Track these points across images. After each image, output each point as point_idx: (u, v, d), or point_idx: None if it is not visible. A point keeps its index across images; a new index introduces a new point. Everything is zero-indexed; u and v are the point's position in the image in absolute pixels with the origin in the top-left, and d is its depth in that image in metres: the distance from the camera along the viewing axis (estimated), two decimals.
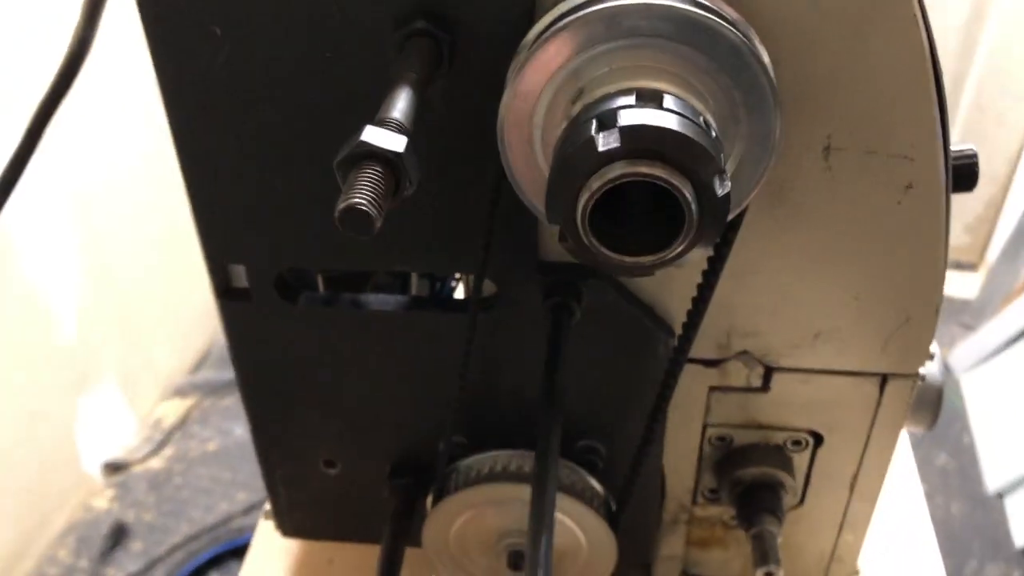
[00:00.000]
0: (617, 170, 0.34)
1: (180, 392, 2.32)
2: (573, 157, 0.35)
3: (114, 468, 2.19)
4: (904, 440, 0.71)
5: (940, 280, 0.48)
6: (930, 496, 2.06)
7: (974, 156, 0.50)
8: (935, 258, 0.47)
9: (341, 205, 0.31)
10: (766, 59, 0.38)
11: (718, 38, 0.36)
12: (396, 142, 0.33)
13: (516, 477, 0.53)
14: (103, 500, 2.11)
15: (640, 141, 0.34)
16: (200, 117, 0.45)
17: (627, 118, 0.34)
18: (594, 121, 0.35)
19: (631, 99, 0.35)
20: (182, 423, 2.27)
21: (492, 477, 0.54)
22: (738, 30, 0.37)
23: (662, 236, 0.36)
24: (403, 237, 0.48)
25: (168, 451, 2.24)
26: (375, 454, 0.58)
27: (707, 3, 0.37)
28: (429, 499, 0.56)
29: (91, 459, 2.08)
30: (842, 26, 0.40)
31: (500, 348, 0.52)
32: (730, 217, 0.41)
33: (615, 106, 0.35)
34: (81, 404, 2.00)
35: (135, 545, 2.01)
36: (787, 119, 0.43)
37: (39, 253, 1.76)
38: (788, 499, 0.57)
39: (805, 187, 0.45)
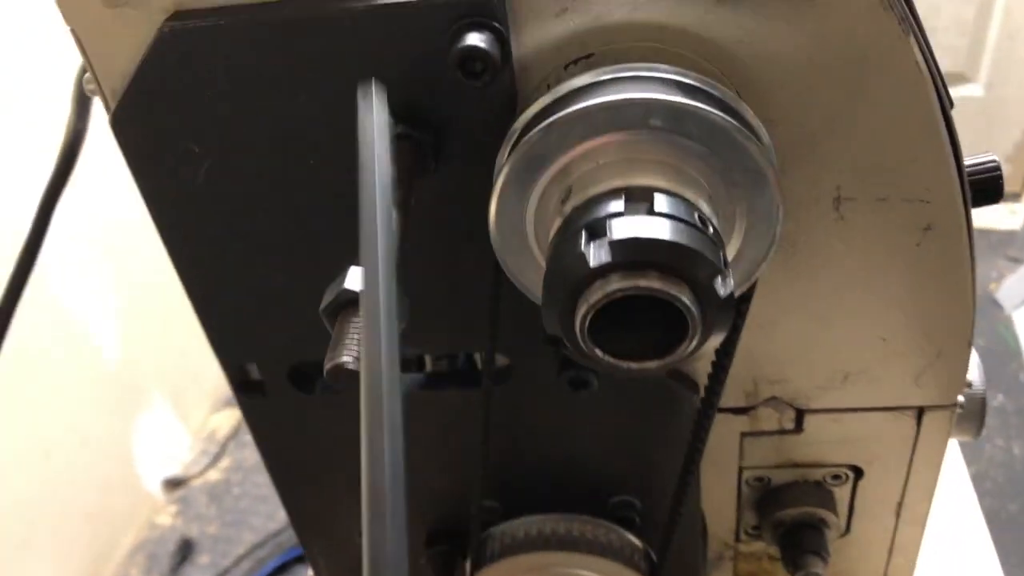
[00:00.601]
0: (613, 285, 0.32)
1: (230, 402, 2.35)
2: (565, 272, 0.33)
3: (174, 484, 2.24)
4: (953, 447, 0.69)
5: (970, 313, 0.46)
6: (990, 438, 2.03)
7: (996, 168, 0.47)
8: (963, 292, 0.45)
9: (328, 364, 0.30)
10: (762, 133, 0.36)
11: (706, 124, 0.35)
12: None
13: (548, 543, 0.53)
14: (167, 516, 2.16)
15: (633, 254, 0.32)
16: (189, 229, 0.44)
17: (617, 229, 0.33)
18: (583, 232, 0.33)
19: (620, 203, 0.34)
20: (235, 433, 2.31)
21: (526, 544, 0.53)
22: (727, 110, 0.35)
23: (668, 337, 0.34)
24: (410, 320, 0.47)
25: (224, 462, 2.28)
26: (408, 525, 0.58)
27: (694, 83, 0.36)
28: (467, 565, 0.56)
29: (151, 477, 2.12)
30: (839, 78, 0.38)
31: (521, 417, 0.51)
32: (741, 291, 0.40)
33: (604, 214, 0.34)
34: (135, 424, 2.05)
35: (202, 558, 2.06)
36: (792, 175, 0.41)
37: (77, 280, 1.79)
38: (832, 534, 0.55)
39: (818, 238, 0.43)
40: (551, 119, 0.35)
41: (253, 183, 0.42)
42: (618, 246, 0.32)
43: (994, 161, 0.47)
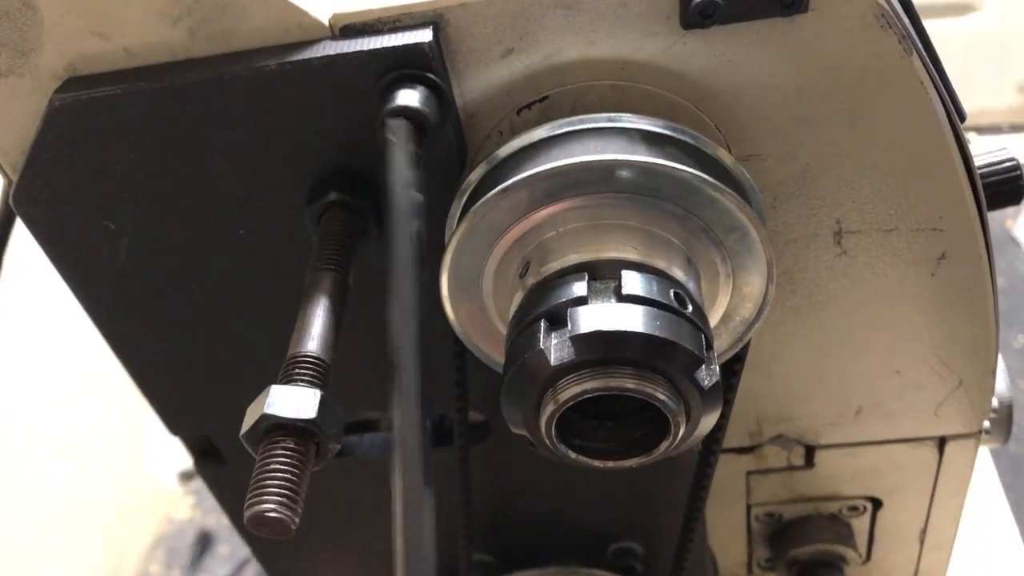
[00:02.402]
0: (579, 385, 0.28)
1: None
2: (525, 370, 0.29)
3: (189, 476, 2.22)
4: (984, 454, 0.64)
5: (992, 338, 0.41)
6: (1013, 380, 1.99)
7: (1015, 167, 0.42)
8: (984, 318, 0.40)
9: (248, 512, 0.26)
10: (744, 180, 0.32)
11: (678, 182, 0.30)
12: (307, 405, 0.28)
13: None
14: (184, 509, 2.15)
15: (599, 350, 0.28)
16: (119, 308, 0.40)
17: (579, 321, 0.28)
18: (542, 322, 0.29)
19: (583, 284, 0.29)
20: None
21: None
22: (702, 159, 0.30)
23: (649, 432, 0.30)
24: (372, 384, 0.43)
25: None
26: None
27: (662, 131, 0.31)
28: None
29: (166, 471, 2.11)
30: (832, 106, 0.33)
31: (504, 470, 0.47)
32: (733, 352, 0.35)
33: (565, 298, 0.29)
34: (148, 418, 2.03)
35: (221, 549, 2.05)
36: (786, 210, 0.36)
37: None
38: (851, 568, 0.51)
39: (819, 275, 0.38)
40: (504, 184, 0.30)
41: (178, 257, 0.38)
42: (582, 341, 0.28)
43: (1012, 160, 0.42)
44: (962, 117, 0.36)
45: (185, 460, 1.76)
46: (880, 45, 0.31)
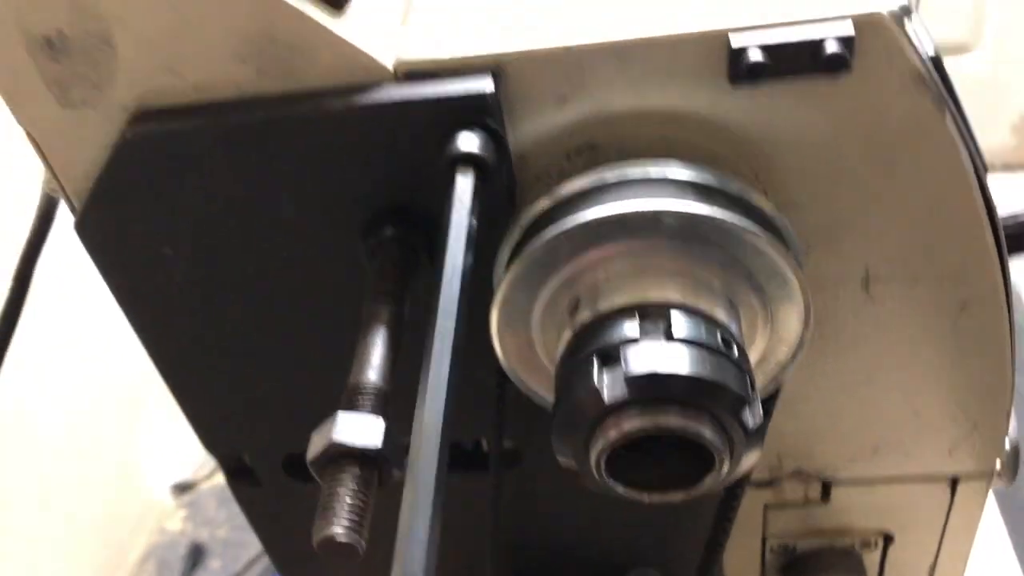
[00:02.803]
0: (630, 424, 0.29)
1: None
2: (578, 407, 0.30)
3: (182, 488, 2.22)
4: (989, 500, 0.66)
5: (1008, 385, 0.43)
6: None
7: None
8: (1001, 366, 0.42)
9: (318, 535, 0.27)
10: (785, 228, 0.33)
11: (723, 231, 0.31)
12: (373, 433, 0.29)
13: None
14: (176, 521, 2.14)
15: (651, 390, 0.29)
16: (168, 330, 0.41)
17: (634, 361, 0.29)
18: (595, 358, 0.30)
19: (635, 325, 0.31)
20: None
21: None
22: (746, 209, 0.32)
23: (693, 469, 0.31)
24: (410, 411, 0.44)
25: None
26: None
27: (708, 182, 0.32)
28: None
29: (159, 482, 2.11)
30: (868, 160, 0.35)
31: (530, 496, 0.49)
32: (767, 393, 0.37)
33: (618, 339, 0.30)
34: (142, 429, 2.03)
35: (213, 563, 2.04)
36: (818, 256, 0.38)
37: (82, 285, 1.76)
38: None
39: (846, 319, 0.40)
40: (556, 230, 0.32)
41: (232, 284, 0.39)
42: (636, 381, 0.29)
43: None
44: (984, 170, 0.38)
45: (178, 472, 1.75)
46: (917, 104, 0.33)
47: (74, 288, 1.69)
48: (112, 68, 0.34)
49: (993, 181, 0.40)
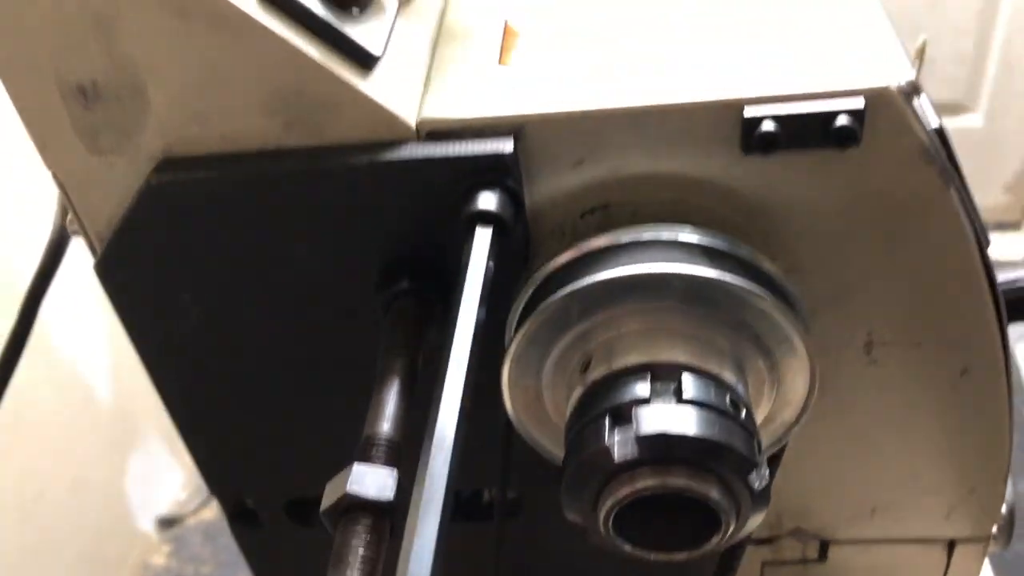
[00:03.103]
0: (640, 483, 0.30)
1: None
2: (588, 463, 0.31)
3: (168, 523, 2.20)
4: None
5: (1006, 451, 0.43)
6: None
7: None
8: (999, 431, 0.42)
9: None
10: (791, 292, 0.34)
11: (732, 295, 0.32)
12: (386, 485, 0.29)
13: None
14: (160, 556, 2.12)
15: (661, 450, 0.30)
16: (179, 372, 0.42)
17: (645, 421, 0.30)
18: (607, 417, 0.31)
19: (646, 385, 0.31)
20: None
21: None
22: (755, 274, 0.33)
23: (700, 528, 0.32)
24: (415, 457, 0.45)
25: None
26: None
27: (718, 246, 0.33)
28: None
29: (144, 516, 2.09)
30: (874, 229, 0.36)
31: (531, 545, 0.49)
32: (772, 452, 0.37)
33: (629, 398, 0.31)
34: (128, 463, 2.01)
35: None
36: (823, 319, 0.39)
37: (69, 321, 1.76)
38: None
39: (848, 380, 0.41)
40: (570, 288, 0.33)
41: (246, 330, 0.40)
42: (646, 441, 0.30)
43: None
44: (987, 242, 0.39)
45: (163, 506, 1.73)
46: (922, 178, 0.34)
47: (69, 322, 1.69)
48: (143, 117, 0.35)
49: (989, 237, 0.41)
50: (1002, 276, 0.42)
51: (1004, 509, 0.50)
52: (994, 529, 0.47)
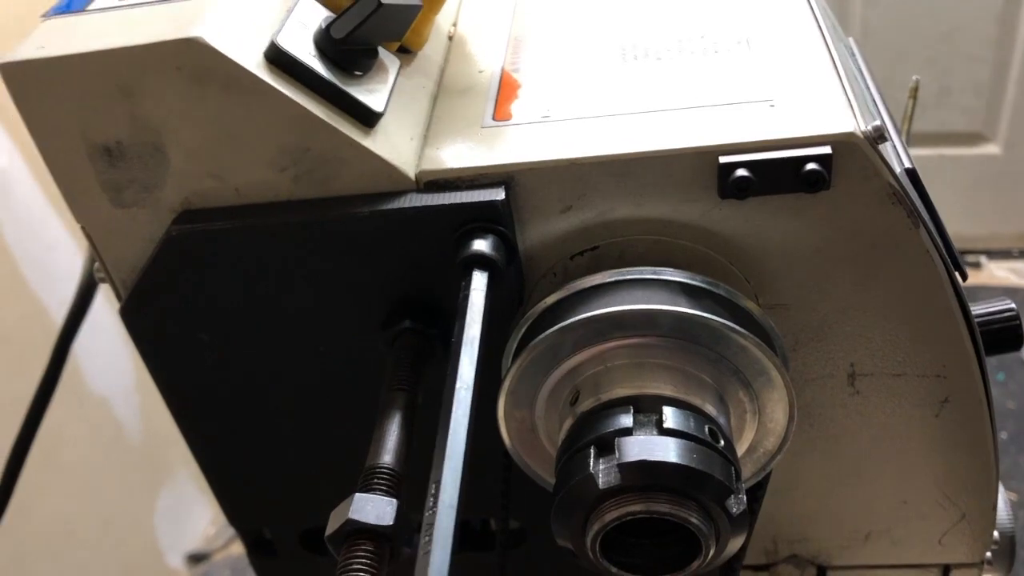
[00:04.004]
0: (623, 508, 0.32)
1: None
2: (575, 490, 0.33)
3: (197, 559, 2.23)
4: None
5: (992, 477, 0.45)
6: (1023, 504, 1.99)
7: (1014, 316, 0.47)
8: (984, 458, 0.44)
9: None
10: (771, 329, 0.36)
11: (713, 331, 0.34)
12: (386, 512, 0.32)
13: None
14: None
15: (642, 477, 0.32)
16: (199, 408, 0.44)
17: (626, 450, 0.32)
18: (592, 448, 0.33)
19: (629, 417, 0.33)
20: None
21: None
22: (734, 310, 0.35)
23: (683, 551, 0.34)
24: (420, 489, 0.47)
25: None
26: None
27: (699, 284, 0.35)
28: None
29: (173, 552, 2.11)
30: (848, 266, 0.38)
31: (540, 574, 0.51)
32: (756, 480, 0.39)
33: (612, 429, 0.33)
34: (157, 501, 2.04)
35: None
36: (805, 352, 0.41)
37: (99, 357, 1.80)
38: None
39: (833, 411, 0.43)
40: (561, 324, 0.35)
41: (261, 367, 0.42)
42: (627, 469, 0.32)
43: (1011, 309, 0.46)
44: (964, 277, 0.41)
45: (192, 543, 1.75)
46: (890, 219, 0.36)
47: (99, 358, 1.73)
48: (162, 173, 0.38)
49: (1011, 265, 0.42)
50: (980, 308, 0.43)
51: (996, 535, 0.51)
52: (988, 555, 0.49)
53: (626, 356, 0.35)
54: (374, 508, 0.32)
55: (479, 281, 0.35)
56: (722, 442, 0.33)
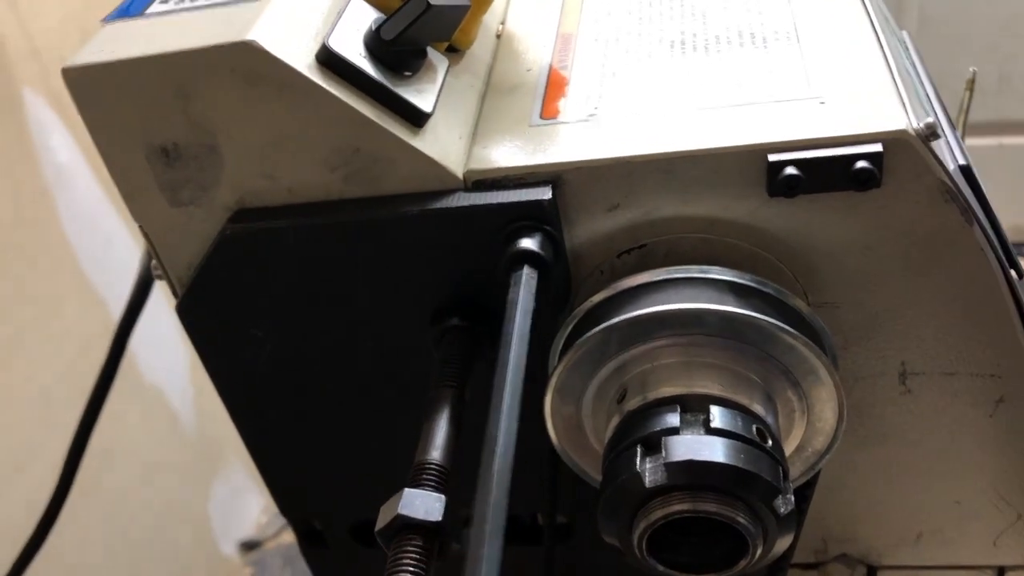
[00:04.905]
0: (670, 507, 0.32)
1: None
2: (622, 489, 0.33)
3: (249, 547, 2.27)
4: None
5: None
6: None
7: None
8: None
9: None
10: (820, 327, 0.36)
11: (761, 330, 0.34)
12: (435, 508, 0.32)
13: None
14: None
15: (689, 477, 0.32)
16: (253, 402, 0.45)
17: (673, 449, 0.32)
18: (639, 447, 0.33)
19: (676, 416, 0.34)
20: None
21: None
22: (783, 309, 0.35)
23: (730, 550, 0.34)
24: (468, 486, 0.47)
25: None
26: None
27: (747, 283, 0.35)
28: None
29: (227, 541, 2.16)
30: (899, 264, 0.37)
31: (580, 569, 0.51)
32: (805, 479, 0.39)
33: (660, 428, 0.33)
34: (210, 490, 2.09)
35: None
36: (855, 351, 0.40)
37: (154, 346, 1.85)
38: None
39: (884, 409, 0.42)
40: (608, 323, 0.35)
41: (312, 363, 0.43)
42: (674, 468, 0.32)
43: None
44: (1020, 274, 0.40)
45: (245, 531, 1.78)
46: (943, 216, 0.36)
47: (154, 347, 1.77)
48: (217, 173, 0.38)
49: None
50: None
51: None
52: None
53: (673, 355, 0.35)
54: (423, 503, 0.32)
55: (527, 278, 0.35)
56: (770, 442, 0.33)
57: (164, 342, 1.83)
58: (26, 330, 1.06)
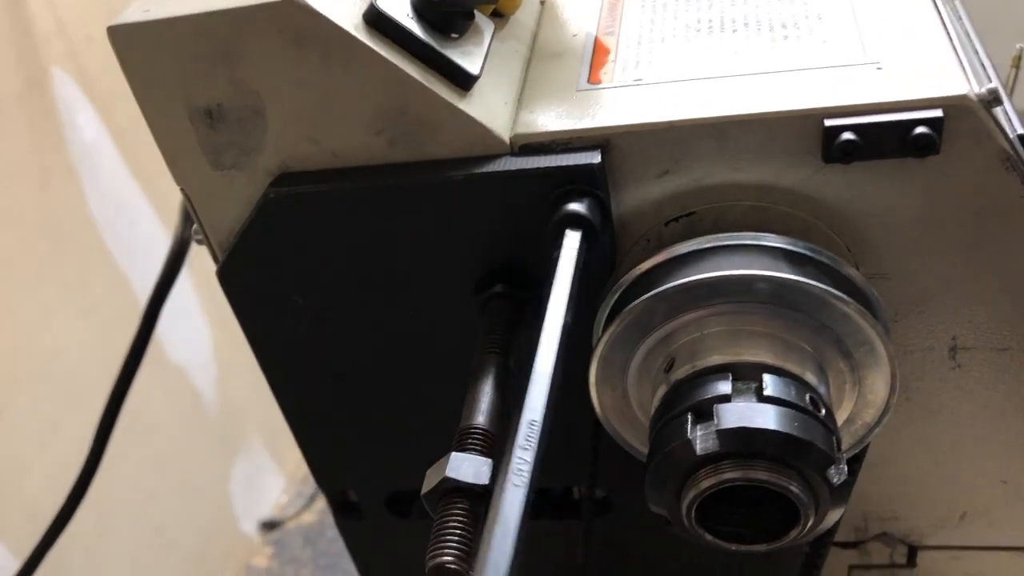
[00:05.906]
0: (721, 475, 0.32)
1: None
2: (671, 457, 0.32)
3: (269, 526, 2.28)
4: None
5: None
6: None
7: None
8: None
9: (430, 562, 0.30)
10: (873, 297, 0.35)
11: (814, 298, 0.34)
12: (481, 472, 0.32)
13: None
14: (263, 559, 2.20)
15: (741, 444, 0.31)
16: (291, 370, 0.45)
17: (725, 416, 0.32)
18: (689, 415, 0.33)
19: (727, 384, 0.33)
20: None
21: None
22: (836, 278, 0.34)
23: (780, 521, 0.33)
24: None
25: (318, 504, 2.30)
26: None
27: (800, 251, 0.35)
28: None
29: (247, 519, 2.17)
30: (954, 235, 0.37)
31: (619, 543, 0.51)
32: (854, 452, 0.38)
33: (711, 395, 0.33)
34: (232, 468, 2.10)
35: None
36: (905, 324, 0.40)
37: (177, 324, 1.85)
38: None
39: (933, 385, 0.41)
40: (657, 290, 0.35)
41: (353, 331, 0.43)
42: (726, 435, 0.31)
43: None
44: None
45: (265, 510, 1.79)
46: (1001, 186, 0.35)
47: (177, 325, 1.78)
48: (261, 136, 0.38)
49: None
50: None
51: None
52: None
53: (723, 323, 0.35)
54: (471, 467, 0.32)
55: (573, 239, 0.35)
56: (823, 411, 0.33)
57: (188, 320, 1.84)
58: (52, 307, 1.06)
